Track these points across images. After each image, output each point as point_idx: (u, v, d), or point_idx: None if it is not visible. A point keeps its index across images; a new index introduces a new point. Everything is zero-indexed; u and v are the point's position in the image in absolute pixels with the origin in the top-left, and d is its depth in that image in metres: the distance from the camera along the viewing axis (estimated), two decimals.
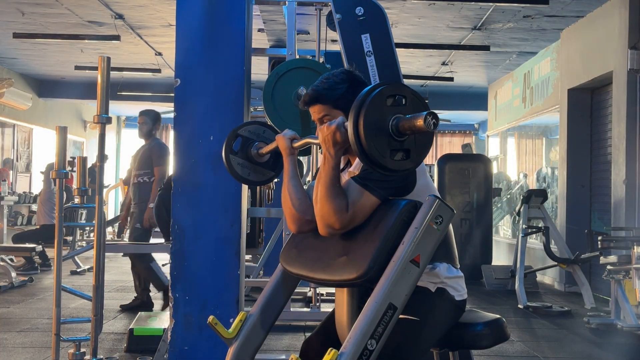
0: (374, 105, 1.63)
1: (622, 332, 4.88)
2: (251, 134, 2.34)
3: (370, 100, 1.62)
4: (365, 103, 1.62)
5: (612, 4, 6.51)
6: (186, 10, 3.23)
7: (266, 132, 2.37)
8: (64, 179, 3.59)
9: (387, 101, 1.64)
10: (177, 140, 3.22)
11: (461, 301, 2.06)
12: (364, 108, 1.62)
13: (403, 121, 1.62)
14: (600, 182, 7.22)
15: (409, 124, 1.60)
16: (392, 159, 1.64)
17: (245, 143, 2.33)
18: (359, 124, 1.61)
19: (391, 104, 1.65)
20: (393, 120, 1.63)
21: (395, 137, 1.64)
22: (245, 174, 2.35)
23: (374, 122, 1.62)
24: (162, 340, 3.41)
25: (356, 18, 3.40)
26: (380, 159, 1.63)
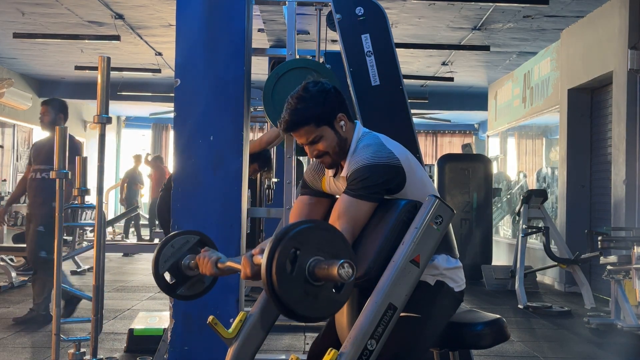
0: (285, 253, 1.53)
1: (622, 332, 4.87)
2: (171, 259, 2.10)
3: (281, 248, 1.53)
4: (277, 251, 1.53)
5: (612, 4, 6.51)
6: (186, 10, 3.23)
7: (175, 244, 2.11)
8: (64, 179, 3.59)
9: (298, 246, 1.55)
10: (177, 140, 3.22)
11: (460, 292, 2.06)
12: (275, 257, 1.52)
13: (317, 269, 1.54)
14: (600, 182, 7.22)
15: (325, 273, 1.53)
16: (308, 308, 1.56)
17: (173, 269, 2.10)
18: (272, 276, 1.52)
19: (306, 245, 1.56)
20: (310, 265, 1.55)
21: (312, 284, 1.55)
22: (200, 289, 2.16)
23: (287, 274, 1.53)
24: (162, 340, 3.41)
25: (356, 18, 3.40)
26: (297, 308, 1.55)
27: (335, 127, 2.04)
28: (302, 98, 2.03)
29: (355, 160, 1.97)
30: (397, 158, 1.95)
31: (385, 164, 1.92)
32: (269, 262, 1.53)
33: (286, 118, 2.03)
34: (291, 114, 2.02)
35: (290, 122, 2.02)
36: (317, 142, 2.04)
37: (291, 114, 2.02)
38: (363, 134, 2.08)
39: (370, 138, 2.04)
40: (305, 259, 1.55)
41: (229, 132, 3.19)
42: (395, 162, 1.94)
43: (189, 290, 2.13)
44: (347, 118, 2.08)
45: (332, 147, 2.04)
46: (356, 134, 2.08)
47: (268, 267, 1.52)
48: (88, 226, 9.41)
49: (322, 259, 1.55)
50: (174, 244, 2.11)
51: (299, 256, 1.54)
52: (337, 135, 2.04)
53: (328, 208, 2.15)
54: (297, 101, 2.03)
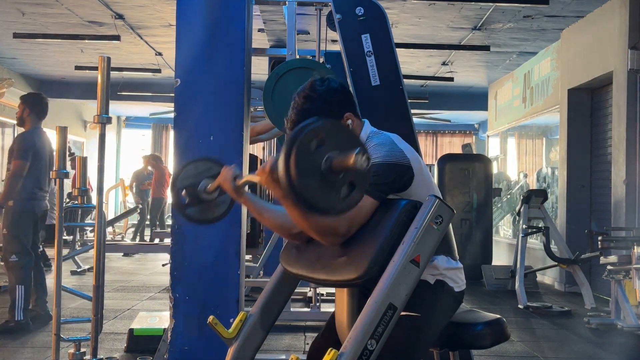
0: (304, 146, 1.54)
1: (622, 332, 4.88)
2: (190, 178, 2.16)
3: (299, 142, 1.54)
4: (295, 145, 1.54)
5: (612, 4, 6.51)
6: (186, 10, 3.23)
7: (198, 168, 2.17)
8: (64, 179, 3.59)
9: (315, 141, 1.56)
10: (177, 140, 3.22)
11: (460, 292, 2.06)
12: (293, 150, 1.53)
13: (334, 162, 1.55)
14: (600, 182, 7.22)
15: (341, 163, 1.54)
16: (338, 200, 1.58)
17: (190, 190, 2.15)
18: (290, 168, 1.52)
19: (321, 143, 1.56)
20: (327, 160, 1.56)
21: (329, 177, 1.56)
22: (211, 216, 2.20)
23: (306, 164, 1.53)
24: (162, 340, 3.41)
25: (356, 18, 3.40)
26: (326, 205, 1.56)
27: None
28: (309, 97, 2.01)
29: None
30: (407, 158, 1.95)
31: (396, 163, 1.92)
32: (289, 150, 1.53)
33: (292, 118, 2.03)
34: (297, 114, 2.01)
35: (296, 122, 2.00)
36: None
37: (297, 114, 2.01)
38: (372, 133, 2.07)
39: (382, 137, 2.03)
40: (322, 153, 1.56)
41: (229, 132, 3.19)
42: (406, 162, 1.93)
43: (199, 213, 2.17)
44: (355, 116, 2.07)
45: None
46: (364, 131, 2.07)
47: (287, 155, 1.53)
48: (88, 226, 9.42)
49: (335, 154, 1.56)
50: (198, 166, 2.16)
51: (316, 150, 1.55)
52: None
53: None
54: (304, 100, 2.01)
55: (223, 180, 2.03)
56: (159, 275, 8.08)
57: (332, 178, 1.56)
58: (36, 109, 5.22)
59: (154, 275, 8.16)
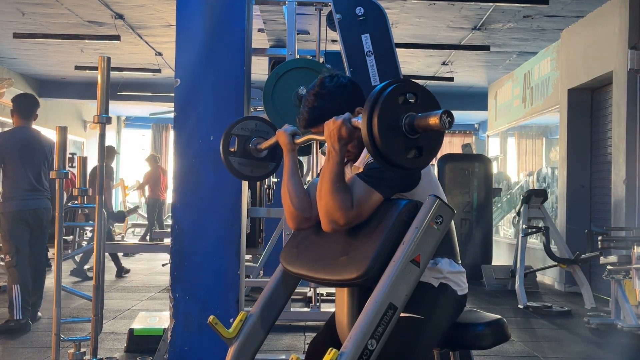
0: (387, 104, 1.60)
1: (622, 332, 4.87)
2: (245, 131, 2.32)
3: (383, 99, 1.60)
4: (378, 102, 1.60)
5: (612, 4, 6.51)
6: (186, 10, 3.23)
7: (259, 126, 2.34)
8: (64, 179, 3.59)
9: (399, 99, 1.62)
10: (177, 140, 3.22)
11: (463, 296, 2.06)
12: (377, 107, 1.60)
13: (417, 119, 1.60)
14: (600, 182, 7.22)
15: (424, 123, 1.59)
16: (405, 157, 1.63)
17: (242, 141, 2.30)
18: (373, 123, 1.59)
19: (403, 101, 1.63)
20: (406, 119, 1.61)
21: (409, 135, 1.62)
22: (247, 172, 2.33)
23: (387, 121, 1.60)
24: (162, 340, 3.41)
25: (356, 18, 3.40)
26: (394, 157, 1.61)
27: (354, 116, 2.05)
28: (320, 95, 2.05)
29: None
30: None
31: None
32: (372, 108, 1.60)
33: (305, 116, 2.07)
34: (310, 112, 2.06)
35: (309, 119, 2.06)
36: None
37: (310, 112, 2.06)
38: None
39: None
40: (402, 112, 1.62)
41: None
42: None
43: (240, 165, 2.29)
44: None
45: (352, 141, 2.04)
46: None
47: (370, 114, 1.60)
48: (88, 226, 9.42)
49: (415, 114, 1.62)
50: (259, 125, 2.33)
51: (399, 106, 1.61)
52: (357, 130, 2.04)
53: None
54: (314, 98, 2.05)
55: (282, 132, 2.09)
56: (159, 275, 8.08)
57: (410, 135, 1.62)
58: (19, 108, 5.15)
59: (154, 275, 8.16)
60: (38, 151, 5.10)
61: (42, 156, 5.11)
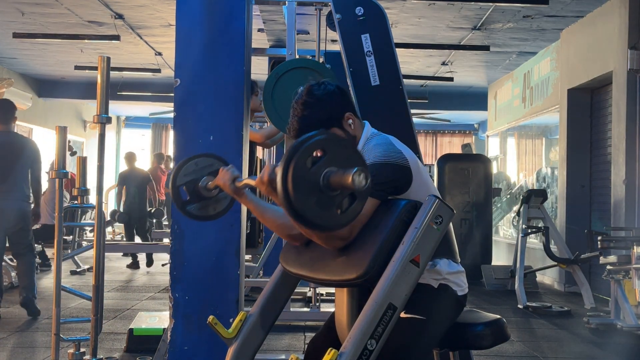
0: (302, 163, 1.53)
1: (622, 332, 4.88)
2: (188, 176, 2.15)
3: (297, 158, 1.53)
4: (292, 162, 1.53)
5: (612, 4, 6.51)
6: (186, 10, 3.23)
7: (199, 164, 2.17)
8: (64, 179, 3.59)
9: (311, 159, 1.55)
10: (177, 140, 3.22)
11: (463, 296, 2.06)
12: (290, 167, 1.52)
13: (332, 178, 1.54)
14: (600, 182, 7.22)
15: (339, 181, 1.53)
16: (329, 215, 1.57)
17: (190, 186, 2.15)
18: (287, 184, 1.52)
19: (320, 157, 1.56)
20: (325, 177, 1.55)
21: (327, 193, 1.56)
22: (210, 212, 2.20)
23: (303, 180, 1.53)
24: (162, 340, 3.41)
25: (356, 18, 3.40)
26: (312, 217, 1.55)
27: (344, 127, 2.05)
28: (308, 103, 2.02)
29: (365, 157, 1.97)
30: (406, 159, 1.95)
31: (394, 163, 1.92)
32: (286, 168, 1.53)
33: (295, 125, 2.03)
34: (299, 121, 2.02)
35: (299, 129, 2.01)
36: None
37: (299, 121, 2.02)
38: (372, 134, 2.08)
39: (381, 138, 2.04)
40: (321, 169, 1.56)
41: (229, 132, 3.19)
42: (404, 162, 1.94)
43: (200, 210, 2.17)
44: (355, 116, 2.08)
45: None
46: (365, 132, 2.08)
47: (284, 173, 1.52)
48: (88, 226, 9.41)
49: (336, 169, 1.55)
50: (199, 162, 2.16)
51: (314, 166, 1.55)
52: (347, 134, 2.04)
53: None
54: (303, 107, 2.02)
55: (222, 181, 2.03)
56: (158, 275, 8.08)
57: (330, 193, 1.56)
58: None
59: (153, 275, 8.16)
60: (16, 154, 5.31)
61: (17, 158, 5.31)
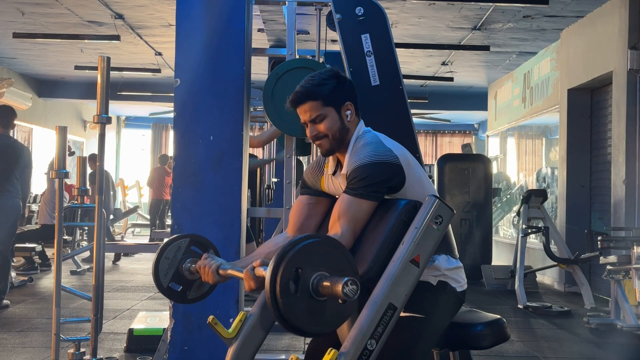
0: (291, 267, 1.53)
1: (622, 332, 4.88)
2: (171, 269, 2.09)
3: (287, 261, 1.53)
4: (282, 264, 1.53)
5: (612, 4, 6.51)
6: (186, 10, 3.23)
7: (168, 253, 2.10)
8: (64, 179, 3.59)
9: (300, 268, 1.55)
10: (177, 140, 3.22)
11: (462, 292, 2.06)
12: (280, 270, 1.52)
13: (321, 286, 1.54)
14: (600, 182, 7.22)
15: (330, 290, 1.52)
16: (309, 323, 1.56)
17: (176, 278, 2.09)
18: (276, 288, 1.52)
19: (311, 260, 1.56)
20: (315, 280, 1.55)
21: (316, 298, 1.56)
22: (202, 292, 2.16)
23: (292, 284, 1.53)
24: (162, 340, 3.41)
25: (356, 18, 3.40)
26: (297, 324, 1.55)
27: (341, 113, 2.07)
28: (317, 75, 2.08)
29: (355, 159, 1.97)
30: (396, 156, 1.95)
31: (384, 162, 1.92)
32: (273, 282, 1.52)
33: (297, 90, 2.08)
34: (303, 87, 2.07)
35: (300, 93, 2.06)
36: (319, 122, 2.05)
37: (303, 87, 2.07)
38: (364, 132, 2.09)
39: (370, 137, 2.05)
40: (309, 276, 1.55)
41: (228, 132, 3.19)
42: (395, 160, 1.94)
43: (197, 292, 2.14)
44: (355, 109, 2.10)
45: (332, 131, 2.05)
46: (357, 129, 2.09)
47: (272, 288, 1.52)
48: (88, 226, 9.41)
49: (326, 274, 1.55)
50: (167, 255, 2.08)
51: (302, 274, 1.54)
52: (341, 121, 2.06)
53: (328, 208, 2.15)
54: (311, 78, 2.08)
55: (206, 277, 1.98)
56: None
57: (319, 298, 1.55)
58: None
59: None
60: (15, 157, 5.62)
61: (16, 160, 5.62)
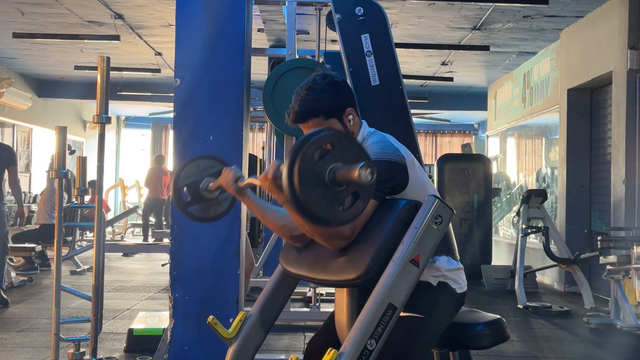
0: (308, 157, 1.54)
1: (622, 332, 4.87)
2: (192, 177, 2.16)
3: (303, 152, 1.54)
4: (299, 156, 1.54)
5: (612, 4, 6.51)
6: (186, 10, 3.23)
7: (200, 165, 2.18)
8: (64, 179, 3.59)
9: (320, 151, 1.56)
10: (177, 140, 3.22)
11: (462, 293, 2.06)
12: (297, 161, 1.53)
13: (338, 173, 1.55)
14: (600, 182, 7.22)
15: (345, 176, 1.54)
16: (333, 211, 1.57)
17: (192, 188, 2.16)
18: (294, 178, 1.53)
19: (326, 153, 1.57)
20: (330, 172, 1.56)
21: (334, 188, 1.56)
22: (212, 214, 2.20)
23: (310, 175, 1.54)
24: (162, 340, 3.41)
25: (356, 18, 3.40)
26: (318, 212, 1.55)
27: (344, 121, 2.05)
28: (312, 90, 2.02)
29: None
30: (402, 156, 1.95)
31: (390, 160, 1.92)
32: (290, 174, 1.53)
33: (295, 109, 2.03)
34: (301, 105, 2.02)
35: (299, 113, 2.02)
36: None
37: (301, 105, 2.02)
38: (369, 133, 2.08)
39: (378, 136, 2.04)
40: (325, 167, 1.56)
41: (228, 132, 3.19)
42: (401, 160, 1.94)
43: (201, 212, 2.18)
44: (355, 113, 2.09)
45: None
46: (362, 130, 2.09)
47: (290, 181, 1.53)
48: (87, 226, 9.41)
49: (340, 165, 1.56)
50: (200, 164, 2.16)
51: (317, 166, 1.55)
52: (345, 128, 2.04)
53: None
54: (307, 92, 2.03)
55: (225, 182, 2.03)
56: (158, 275, 8.08)
57: (335, 189, 1.56)
58: None
59: (153, 275, 8.16)
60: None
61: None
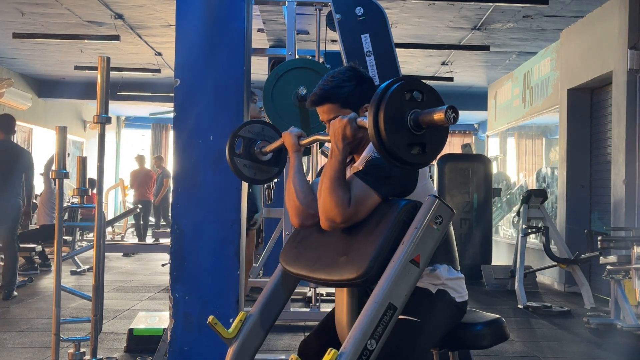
0: (394, 100, 1.63)
1: (622, 332, 4.87)
2: (251, 134, 2.36)
3: (390, 95, 1.62)
4: (385, 97, 1.62)
5: (612, 4, 6.51)
6: (186, 10, 3.23)
7: (265, 130, 2.39)
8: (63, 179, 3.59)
9: (405, 96, 1.65)
10: (177, 140, 3.22)
11: (462, 302, 2.06)
12: (383, 102, 1.62)
13: (422, 115, 1.62)
14: (600, 182, 7.22)
15: (429, 118, 1.61)
16: (409, 153, 1.65)
17: (247, 143, 2.35)
18: (379, 118, 1.61)
19: (409, 98, 1.65)
20: (411, 115, 1.64)
21: (414, 131, 1.64)
22: (251, 174, 2.37)
23: (393, 117, 1.62)
24: (162, 340, 3.41)
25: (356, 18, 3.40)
26: (399, 152, 1.63)
27: (359, 114, 2.05)
28: (336, 77, 2.09)
29: (373, 155, 1.97)
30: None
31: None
32: (376, 122, 1.61)
33: (316, 91, 2.10)
34: (322, 88, 2.09)
35: (319, 95, 2.08)
36: None
37: (322, 88, 2.09)
38: None
39: None
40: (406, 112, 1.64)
41: (228, 132, 3.18)
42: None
43: (243, 167, 2.35)
44: None
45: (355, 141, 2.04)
46: None
47: (376, 127, 1.61)
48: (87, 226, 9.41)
49: (420, 110, 1.64)
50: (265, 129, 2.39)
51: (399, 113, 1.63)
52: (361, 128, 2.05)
53: None
54: (332, 78, 2.09)
55: (288, 133, 2.14)
56: (158, 275, 8.08)
57: (415, 132, 1.64)
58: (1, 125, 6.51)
59: (153, 275, 8.16)
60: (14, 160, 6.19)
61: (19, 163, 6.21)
